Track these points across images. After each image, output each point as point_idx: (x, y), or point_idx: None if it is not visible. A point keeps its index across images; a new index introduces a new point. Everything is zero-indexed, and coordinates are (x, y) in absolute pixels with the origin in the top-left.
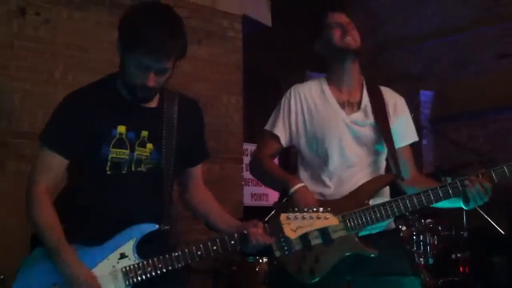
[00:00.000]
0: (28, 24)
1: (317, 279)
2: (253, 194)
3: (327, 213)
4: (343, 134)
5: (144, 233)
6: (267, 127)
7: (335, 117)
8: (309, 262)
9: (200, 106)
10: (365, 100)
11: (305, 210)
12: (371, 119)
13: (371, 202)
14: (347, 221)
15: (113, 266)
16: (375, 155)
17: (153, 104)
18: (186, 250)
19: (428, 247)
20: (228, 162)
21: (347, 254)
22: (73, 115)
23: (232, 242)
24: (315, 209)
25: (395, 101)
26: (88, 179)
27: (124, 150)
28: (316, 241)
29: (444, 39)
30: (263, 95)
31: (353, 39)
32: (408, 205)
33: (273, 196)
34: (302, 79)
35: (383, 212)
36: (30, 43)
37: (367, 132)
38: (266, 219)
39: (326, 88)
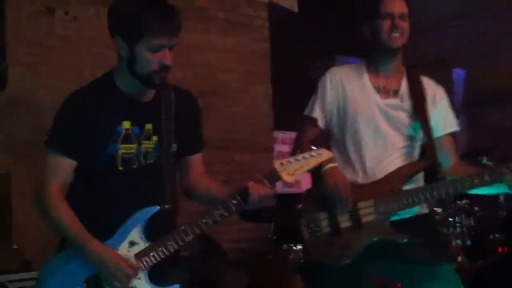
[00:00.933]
0: (57, 23)
1: (343, 263)
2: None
3: (319, 150)
4: (376, 117)
5: (147, 216)
6: (306, 112)
7: (368, 101)
8: (336, 246)
9: (195, 97)
10: (404, 88)
11: (298, 152)
12: (407, 104)
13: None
14: (379, 205)
15: (125, 255)
16: (409, 141)
17: (150, 98)
18: (192, 222)
19: (465, 229)
20: (259, 151)
21: (375, 239)
22: (76, 116)
23: (234, 201)
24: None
25: (434, 91)
26: (98, 177)
27: (132, 145)
28: (345, 224)
29: (468, 25)
30: (291, 82)
31: (402, 35)
32: (441, 192)
33: (305, 183)
34: (331, 65)
35: (416, 199)
36: (59, 41)
37: (402, 116)
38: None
39: (364, 72)
